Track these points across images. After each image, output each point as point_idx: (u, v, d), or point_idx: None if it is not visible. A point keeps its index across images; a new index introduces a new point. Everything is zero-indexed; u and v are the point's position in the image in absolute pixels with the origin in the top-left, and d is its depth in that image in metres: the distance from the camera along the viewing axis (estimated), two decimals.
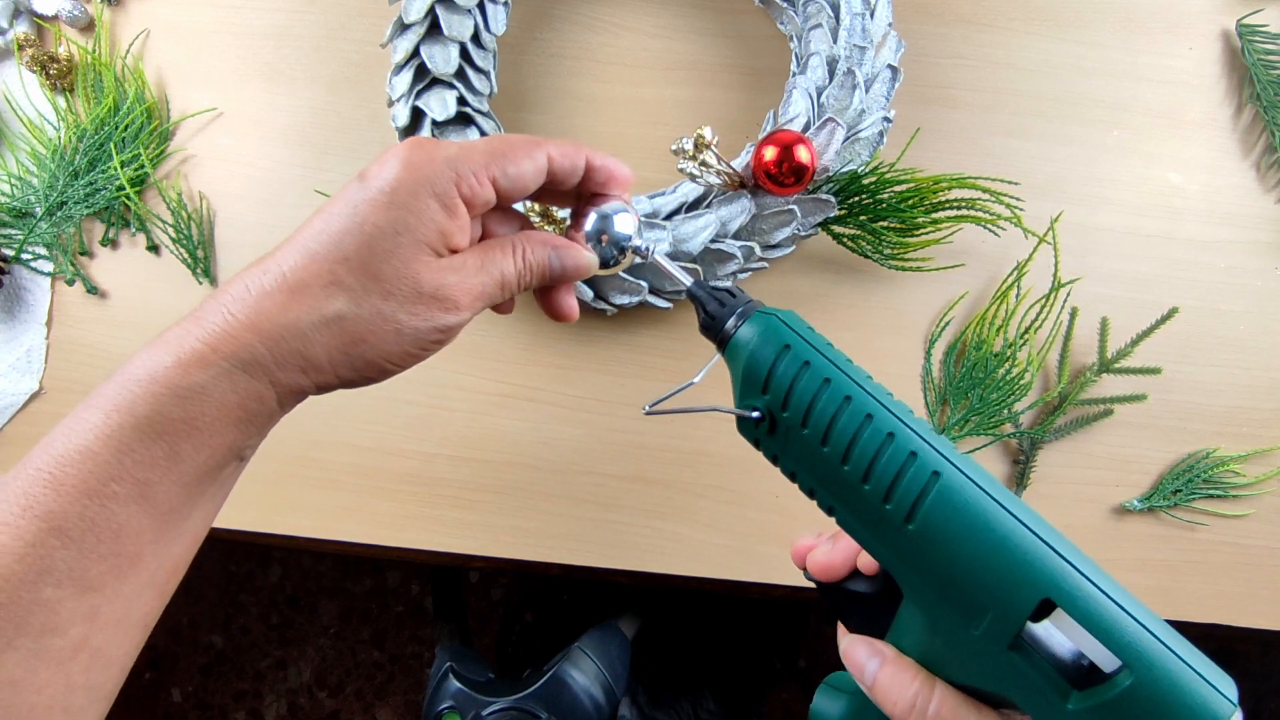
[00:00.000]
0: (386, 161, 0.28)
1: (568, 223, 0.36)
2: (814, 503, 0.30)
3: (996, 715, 0.27)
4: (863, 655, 0.29)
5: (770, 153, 0.46)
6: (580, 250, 0.33)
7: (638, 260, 0.35)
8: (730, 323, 0.30)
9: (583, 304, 0.50)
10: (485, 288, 0.30)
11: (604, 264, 0.34)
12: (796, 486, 0.30)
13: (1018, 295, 0.52)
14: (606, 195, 0.34)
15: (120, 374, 0.25)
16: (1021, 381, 0.51)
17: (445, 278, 0.29)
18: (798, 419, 0.27)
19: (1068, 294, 0.53)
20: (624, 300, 0.50)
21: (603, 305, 0.50)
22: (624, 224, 0.34)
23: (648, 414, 0.31)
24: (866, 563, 0.31)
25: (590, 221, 0.34)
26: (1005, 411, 0.52)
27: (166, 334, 0.26)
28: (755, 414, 0.28)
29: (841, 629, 0.32)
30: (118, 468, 0.24)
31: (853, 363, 0.28)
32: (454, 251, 0.29)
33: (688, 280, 0.32)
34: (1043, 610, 0.24)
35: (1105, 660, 0.24)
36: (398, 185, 0.28)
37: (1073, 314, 0.52)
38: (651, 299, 0.50)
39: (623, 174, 0.33)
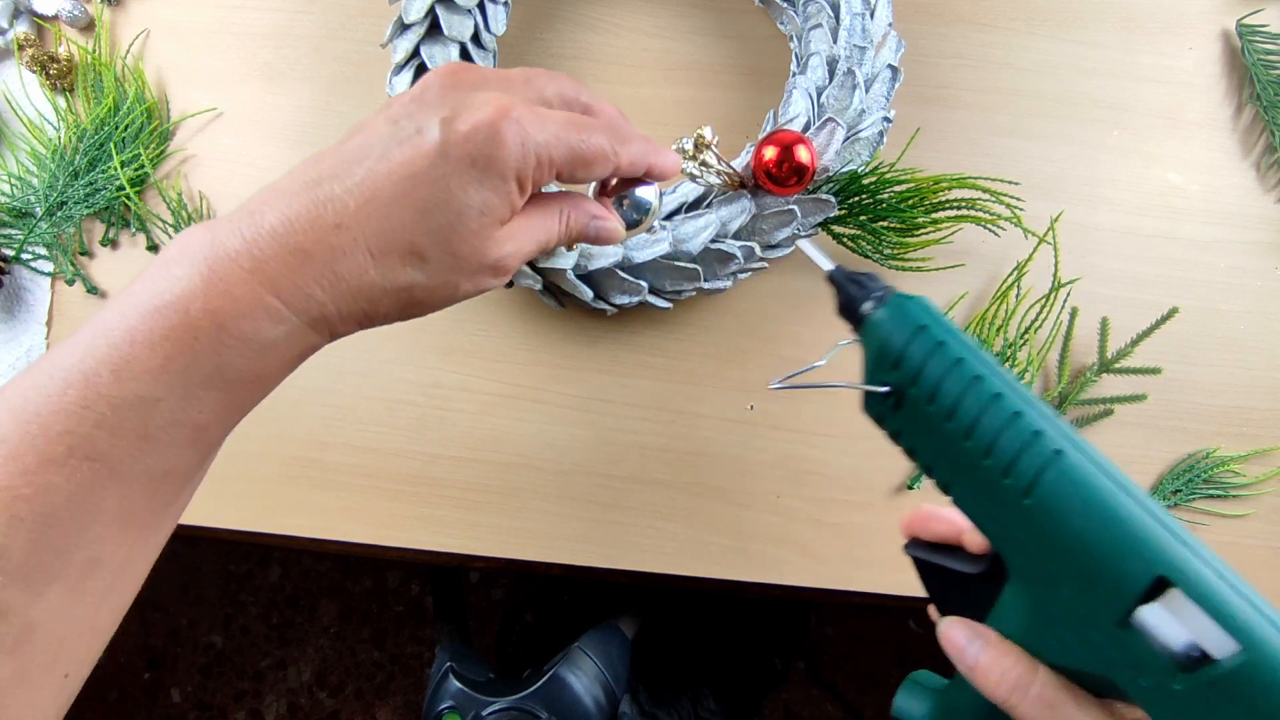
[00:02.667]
0: (478, 129, 0.27)
1: None
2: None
3: (1098, 702, 0.27)
4: (964, 638, 0.29)
5: (770, 153, 0.46)
6: (617, 224, 0.34)
7: (658, 225, 0.38)
8: (867, 305, 0.31)
9: (583, 304, 0.50)
10: (531, 252, 0.31)
11: (628, 227, 0.37)
12: (915, 462, 0.31)
13: (1018, 295, 0.52)
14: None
15: (176, 313, 0.24)
16: (1021, 381, 0.51)
17: (505, 248, 0.29)
18: (925, 396, 0.28)
19: (1068, 294, 0.53)
20: (624, 300, 0.50)
21: (603, 305, 0.50)
22: (647, 192, 0.37)
23: (774, 389, 0.32)
24: (975, 542, 0.31)
25: (624, 197, 0.37)
26: None
27: (229, 278, 0.25)
28: (884, 390, 0.29)
29: (935, 612, 0.32)
30: (180, 413, 0.24)
31: (981, 348, 0.29)
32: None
33: (829, 265, 0.33)
34: (1154, 591, 0.24)
35: (1217, 642, 0.24)
36: (489, 164, 0.27)
37: (1073, 314, 0.52)
38: (651, 299, 0.50)
39: (674, 169, 0.35)
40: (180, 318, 0.24)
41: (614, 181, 0.37)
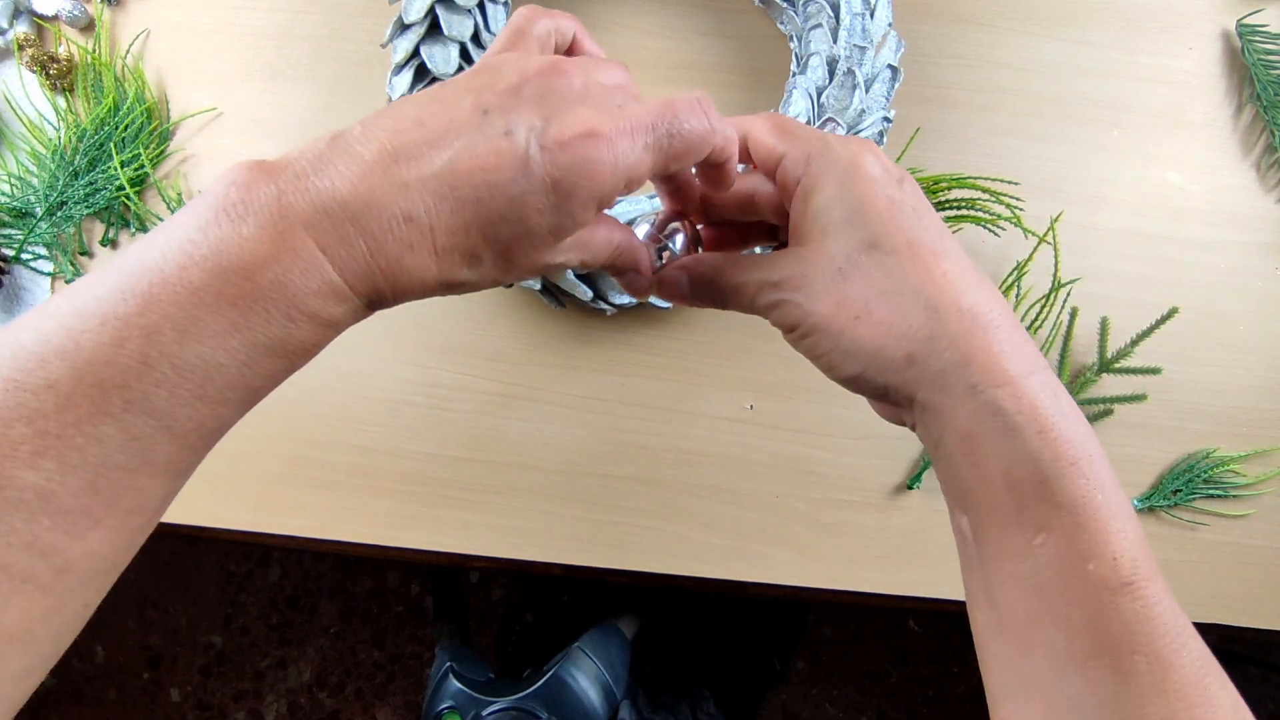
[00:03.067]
0: (565, 147, 0.26)
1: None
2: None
3: None
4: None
5: None
6: (648, 284, 0.35)
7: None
8: None
9: (582, 304, 0.50)
10: (573, 265, 0.31)
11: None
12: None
13: (1018, 295, 0.52)
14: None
15: (244, 279, 0.24)
16: None
17: (557, 259, 0.29)
18: None
19: (1068, 294, 0.53)
20: (624, 300, 0.50)
21: (602, 305, 0.50)
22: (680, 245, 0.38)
23: None
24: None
25: (665, 248, 0.37)
26: None
27: (298, 248, 0.24)
28: None
29: None
30: (239, 378, 0.24)
31: None
32: None
33: None
34: None
35: None
36: (572, 191, 0.26)
37: (1073, 314, 0.52)
38: (651, 299, 0.50)
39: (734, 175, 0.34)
40: (249, 285, 0.24)
41: (668, 226, 0.36)
